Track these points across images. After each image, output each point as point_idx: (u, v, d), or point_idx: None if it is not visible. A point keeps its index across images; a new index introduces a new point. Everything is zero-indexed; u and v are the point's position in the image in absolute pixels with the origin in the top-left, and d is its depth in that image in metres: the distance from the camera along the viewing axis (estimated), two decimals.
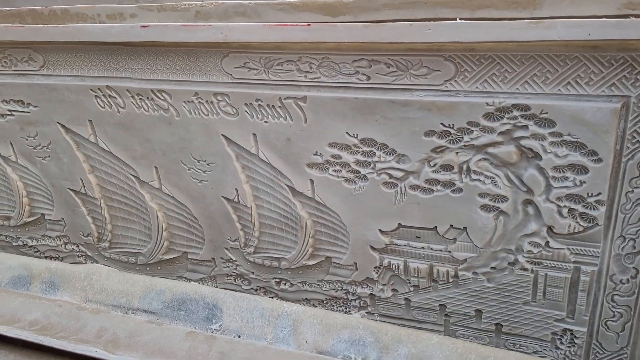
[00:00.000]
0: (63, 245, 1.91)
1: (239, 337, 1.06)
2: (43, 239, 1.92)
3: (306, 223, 1.53)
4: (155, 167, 1.63)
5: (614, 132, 1.15)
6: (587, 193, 1.23)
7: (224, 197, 1.59)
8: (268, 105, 1.40)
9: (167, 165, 1.61)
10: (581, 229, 1.27)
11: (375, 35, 1.20)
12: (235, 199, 1.57)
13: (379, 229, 1.46)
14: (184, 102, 1.48)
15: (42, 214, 1.88)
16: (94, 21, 1.77)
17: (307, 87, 1.35)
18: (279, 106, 1.39)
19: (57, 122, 1.67)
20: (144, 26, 1.39)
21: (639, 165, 1.17)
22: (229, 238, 1.65)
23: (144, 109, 1.54)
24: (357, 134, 1.36)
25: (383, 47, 1.22)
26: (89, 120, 1.63)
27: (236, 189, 1.56)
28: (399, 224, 1.43)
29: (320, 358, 0.96)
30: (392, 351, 0.96)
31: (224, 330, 1.06)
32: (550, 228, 1.30)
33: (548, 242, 1.31)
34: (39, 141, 1.74)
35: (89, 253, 1.90)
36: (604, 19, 1.05)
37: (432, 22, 1.15)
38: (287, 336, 1.02)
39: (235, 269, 1.70)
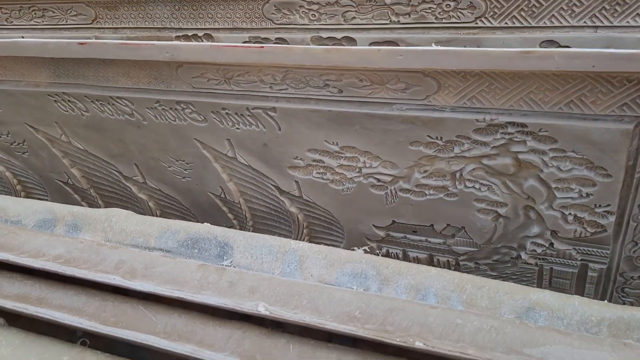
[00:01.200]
0: None
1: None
2: None
3: (297, 217, 1.45)
4: (135, 164, 1.54)
5: (625, 150, 0.99)
6: (595, 204, 1.10)
7: (210, 193, 1.50)
8: (237, 113, 1.25)
9: (147, 162, 1.52)
10: (588, 234, 1.16)
11: (339, 60, 1.01)
12: (222, 195, 1.49)
13: (373, 225, 1.38)
14: (147, 108, 1.34)
15: (39, 199, 1.85)
16: None
17: (275, 98, 1.19)
18: (249, 115, 1.24)
19: (25, 123, 1.56)
20: (81, 43, 1.21)
21: None
22: (224, 225, 1.60)
23: (108, 113, 1.40)
24: (337, 142, 1.22)
25: (349, 68, 1.04)
26: (56, 122, 1.51)
27: (221, 187, 1.47)
28: (393, 221, 1.34)
29: (322, 286, 0.99)
30: (393, 282, 0.99)
31: (234, 266, 1.10)
32: (554, 232, 1.19)
33: (552, 243, 1.21)
34: (14, 139, 1.64)
35: None
36: (611, 50, 0.84)
37: (403, 47, 0.95)
38: (293, 271, 1.06)
39: None
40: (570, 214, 1.14)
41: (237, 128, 1.29)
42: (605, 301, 0.92)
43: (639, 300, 1.25)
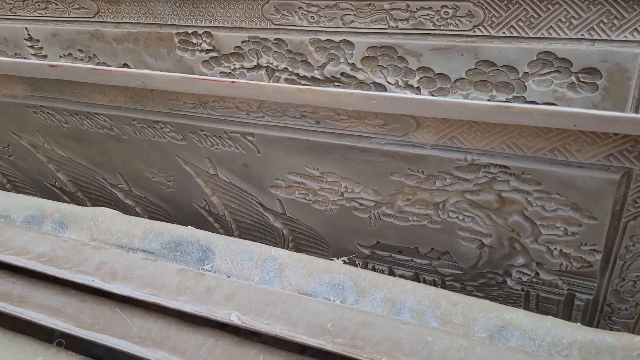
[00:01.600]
0: None
1: (229, 277, 1.13)
2: None
3: (282, 232, 1.43)
4: (119, 173, 1.51)
5: (611, 198, 0.94)
6: (581, 242, 1.06)
7: (195, 204, 1.48)
8: (215, 135, 1.21)
9: (131, 173, 1.49)
10: (574, 268, 1.13)
11: (313, 100, 0.96)
12: (207, 207, 1.47)
13: (358, 243, 1.35)
14: (126, 124, 1.30)
15: None
16: None
17: (253, 124, 1.14)
18: (227, 138, 1.20)
19: (8, 130, 1.53)
20: (52, 65, 1.16)
21: None
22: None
23: (88, 126, 1.37)
24: (317, 168, 1.18)
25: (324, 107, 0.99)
26: (37, 131, 1.48)
27: (205, 200, 1.44)
28: (378, 241, 1.31)
29: (298, 296, 1.01)
30: (369, 295, 1.00)
31: (215, 271, 1.12)
32: (540, 263, 1.16)
33: (538, 273, 1.18)
34: None
35: None
36: (593, 111, 0.78)
37: (377, 93, 0.90)
38: (272, 278, 1.07)
39: None
40: (555, 249, 1.10)
41: (216, 149, 1.25)
42: (579, 323, 0.90)
43: (626, 328, 1.23)
